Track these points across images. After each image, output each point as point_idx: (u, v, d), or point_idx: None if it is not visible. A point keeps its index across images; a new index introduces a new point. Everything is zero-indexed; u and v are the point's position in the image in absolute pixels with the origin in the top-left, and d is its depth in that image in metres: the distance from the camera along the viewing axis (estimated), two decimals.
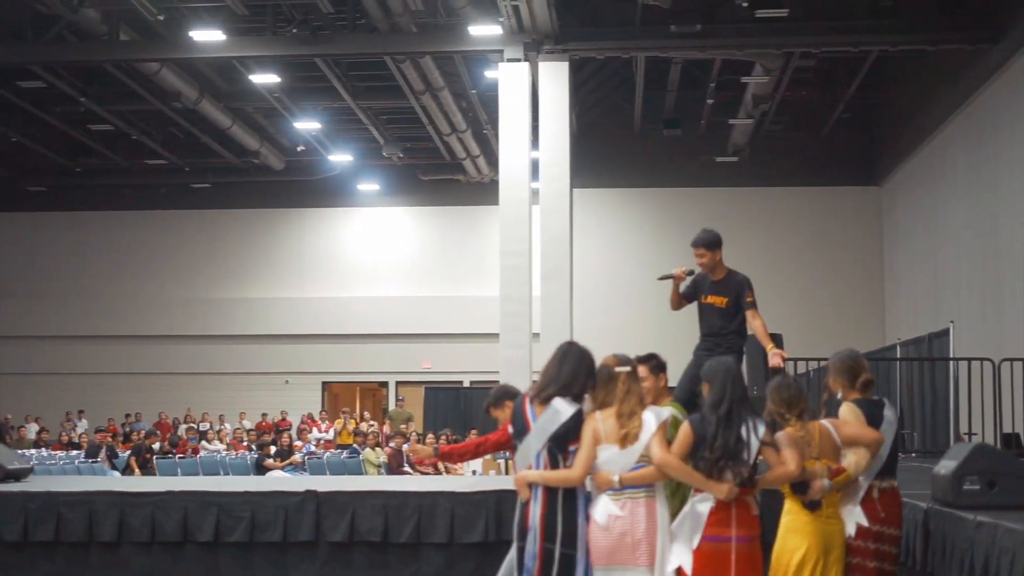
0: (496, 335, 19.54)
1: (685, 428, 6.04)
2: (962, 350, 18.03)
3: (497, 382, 18.59)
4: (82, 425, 28.92)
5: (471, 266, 31.06)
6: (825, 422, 6.12)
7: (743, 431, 5.81)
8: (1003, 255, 19.33)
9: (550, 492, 6.07)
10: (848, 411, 6.21)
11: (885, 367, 15.23)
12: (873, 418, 6.15)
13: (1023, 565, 4.55)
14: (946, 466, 6.03)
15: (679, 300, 8.80)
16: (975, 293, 20.85)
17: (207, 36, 20.73)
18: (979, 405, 12.25)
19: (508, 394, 7.35)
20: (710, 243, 8.65)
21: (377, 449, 20.09)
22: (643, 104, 26.81)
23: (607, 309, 27.66)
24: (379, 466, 19.25)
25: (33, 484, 9.09)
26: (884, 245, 28.71)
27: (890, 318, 27.96)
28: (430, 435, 20.58)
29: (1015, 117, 18.91)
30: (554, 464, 6.11)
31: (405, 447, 19.61)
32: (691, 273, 8.77)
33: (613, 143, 29.56)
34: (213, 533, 8.33)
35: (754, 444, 5.80)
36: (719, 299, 8.59)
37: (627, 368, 6.15)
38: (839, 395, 6.37)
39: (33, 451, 20.86)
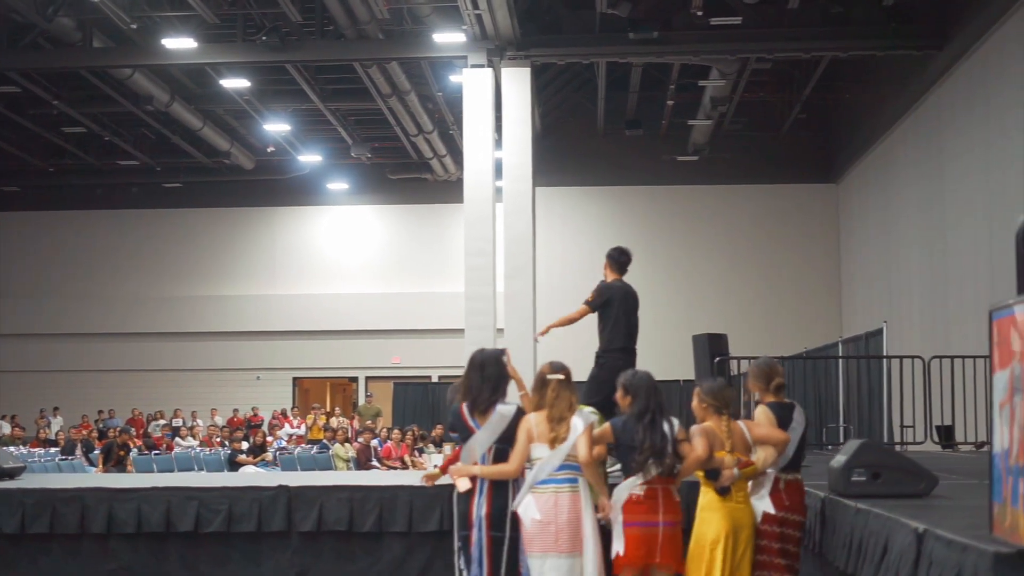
0: (464, 330, 20.16)
1: (607, 428, 6.85)
2: (911, 345, 18.76)
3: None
4: (56, 422, 29.31)
5: (439, 262, 31.45)
6: (740, 422, 6.87)
7: (666, 431, 6.56)
8: (949, 249, 20.07)
9: (495, 486, 6.81)
10: (762, 413, 6.95)
11: (823, 364, 15.98)
12: (783, 420, 6.87)
13: (883, 544, 5.30)
14: (839, 460, 6.76)
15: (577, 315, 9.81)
16: (924, 288, 21.60)
17: (179, 44, 21.16)
18: (911, 400, 12.99)
19: None
20: (607, 253, 9.65)
21: (346, 444, 20.66)
22: (605, 105, 27.44)
23: (571, 304, 28.11)
24: (348, 461, 19.83)
25: (27, 481, 9.75)
26: (841, 241, 29.40)
27: (846, 313, 28.70)
28: (396, 431, 21.15)
29: (958, 117, 19.69)
30: (501, 457, 6.87)
31: (374, 442, 20.25)
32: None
33: (577, 142, 30.19)
34: (193, 524, 9.00)
35: (670, 441, 6.58)
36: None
37: (559, 375, 6.88)
38: (756, 396, 7.11)
39: (12, 449, 21.32)
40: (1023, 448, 3.75)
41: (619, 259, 9.61)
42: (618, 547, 6.51)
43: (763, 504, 6.71)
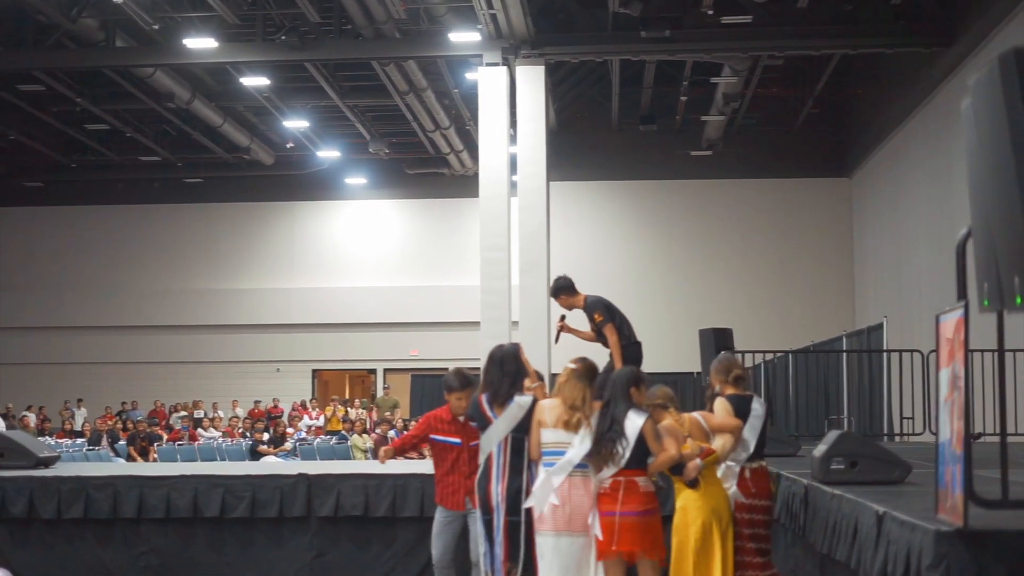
0: (479, 323, 20.53)
1: None
2: (920, 339, 19.04)
3: (479, 369, 19.40)
4: (81, 414, 29.77)
5: (456, 256, 31.72)
6: (696, 414, 7.36)
7: (625, 424, 6.92)
8: (957, 245, 20.35)
9: (511, 471, 7.23)
10: (719, 404, 7.42)
11: (827, 358, 16.36)
12: (740, 410, 7.32)
13: (854, 526, 5.76)
14: (819, 450, 7.20)
15: (592, 336, 10.19)
16: (932, 283, 21.88)
17: (200, 43, 21.51)
18: (910, 392, 13.36)
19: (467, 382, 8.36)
20: (554, 291, 10.21)
21: (364, 435, 21.10)
22: (620, 101, 27.74)
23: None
24: (366, 451, 20.26)
25: (62, 470, 10.26)
26: (854, 234, 29.64)
27: (859, 307, 28.96)
28: (413, 422, 21.56)
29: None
30: (517, 446, 7.29)
31: (391, 433, 20.70)
32: (563, 318, 10.28)
33: (592, 138, 30.54)
34: (219, 510, 9.53)
35: (631, 432, 6.92)
36: (590, 323, 10.08)
37: (572, 365, 7.29)
38: (718, 389, 7.55)
39: (39, 440, 21.81)
40: (959, 438, 4.17)
41: (572, 284, 10.19)
42: (596, 532, 6.94)
43: (732, 495, 7.17)
